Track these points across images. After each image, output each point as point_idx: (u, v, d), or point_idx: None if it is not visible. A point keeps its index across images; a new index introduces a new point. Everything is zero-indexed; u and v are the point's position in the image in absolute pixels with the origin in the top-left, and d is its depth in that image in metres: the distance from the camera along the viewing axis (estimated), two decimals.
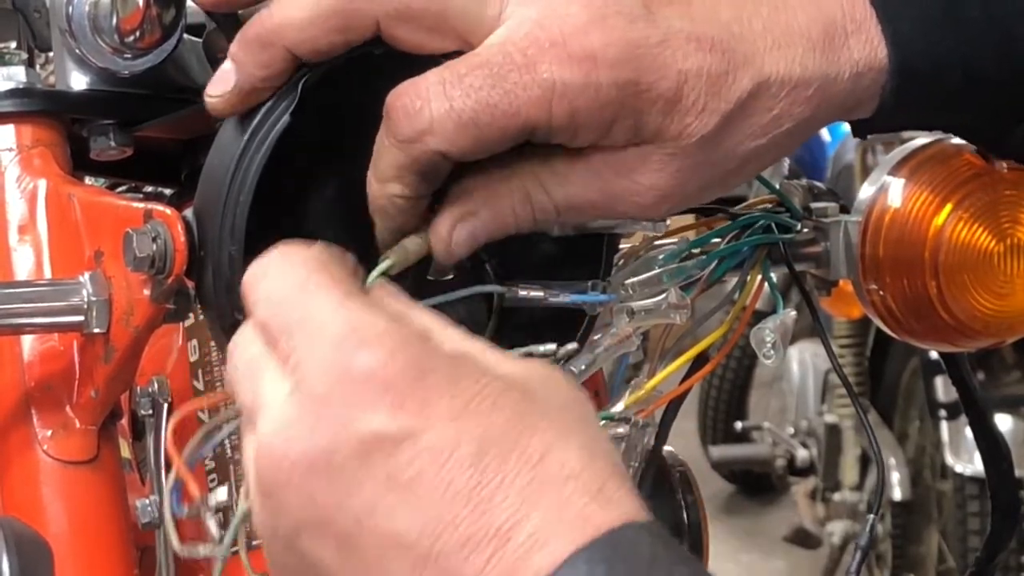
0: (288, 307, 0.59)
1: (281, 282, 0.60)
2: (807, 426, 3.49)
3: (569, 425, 0.57)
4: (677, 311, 0.72)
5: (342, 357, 0.56)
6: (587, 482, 0.55)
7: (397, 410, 0.55)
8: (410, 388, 0.56)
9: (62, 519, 0.79)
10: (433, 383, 0.56)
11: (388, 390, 0.55)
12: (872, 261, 0.85)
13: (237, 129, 0.70)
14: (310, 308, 0.59)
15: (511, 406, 0.56)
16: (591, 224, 0.74)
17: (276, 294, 0.60)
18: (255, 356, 0.60)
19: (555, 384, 0.59)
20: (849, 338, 3.24)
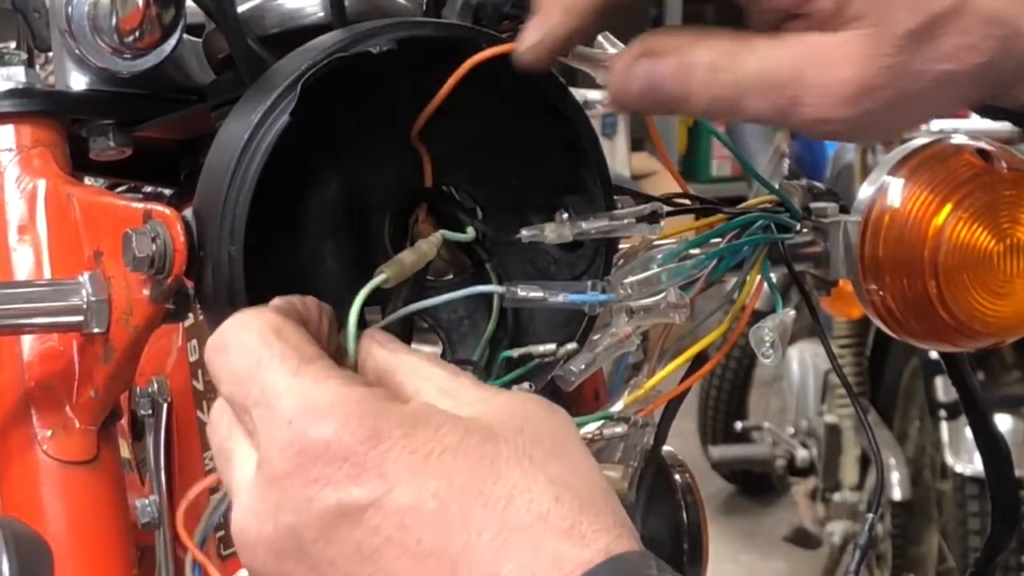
0: (247, 383, 0.60)
1: (239, 357, 0.61)
2: (807, 426, 3.49)
3: (537, 461, 0.56)
4: (676, 310, 0.72)
5: (297, 434, 0.57)
6: (557, 521, 0.54)
7: (355, 479, 0.55)
8: (366, 454, 0.56)
9: (62, 519, 0.79)
10: (389, 445, 0.56)
11: (345, 460, 0.56)
12: (872, 261, 0.85)
13: (237, 129, 0.70)
14: (266, 384, 0.59)
15: (472, 451, 0.56)
16: (591, 230, 0.74)
17: (235, 369, 0.60)
18: (225, 437, 0.61)
19: (525, 417, 0.58)
20: (849, 338, 3.24)
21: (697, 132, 5.93)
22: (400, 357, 0.63)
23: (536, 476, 0.55)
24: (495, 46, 0.71)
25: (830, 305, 2.94)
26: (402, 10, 0.83)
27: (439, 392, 0.60)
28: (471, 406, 0.59)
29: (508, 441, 0.57)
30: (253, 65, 0.75)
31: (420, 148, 0.75)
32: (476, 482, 0.55)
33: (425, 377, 0.61)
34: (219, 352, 0.62)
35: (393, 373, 0.62)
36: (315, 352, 0.61)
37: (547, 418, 0.59)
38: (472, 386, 0.61)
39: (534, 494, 0.55)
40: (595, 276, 0.75)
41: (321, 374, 0.59)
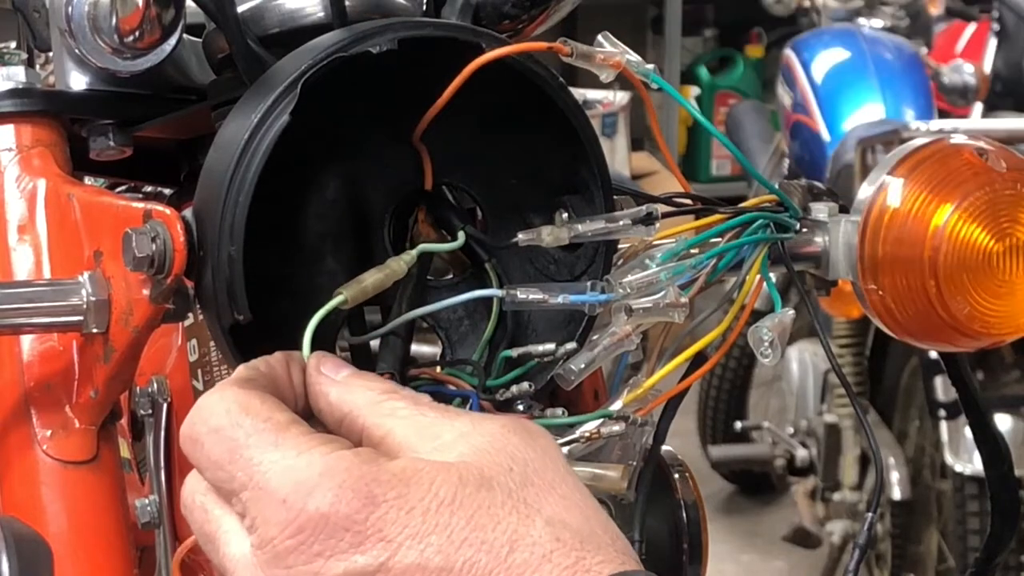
0: (229, 468, 0.60)
1: (214, 445, 0.60)
2: (807, 426, 3.48)
3: (531, 501, 0.57)
4: (675, 310, 0.72)
5: (293, 512, 0.57)
6: (561, 560, 0.55)
7: (359, 546, 0.56)
8: (365, 520, 0.56)
9: (62, 519, 0.79)
10: (386, 508, 0.56)
11: (346, 529, 0.56)
12: (871, 261, 0.85)
13: (237, 129, 0.70)
14: (249, 466, 0.59)
15: (468, 502, 0.56)
16: (587, 233, 0.74)
17: (214, 458, 0.60)
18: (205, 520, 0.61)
19: (510, 454, 0.59)
20: (848, 338, 3.24)
21: (697, 132, 5.92)
22: (355, 395, 0.63)
23: (533, 519, 0.56)
24: (496, 46, 0.71)
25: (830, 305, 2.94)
26: (402, 10, 0.83)
27: (415, 433, 0.60)
28: (453, 448, 0.59)
29: (501, 485, 0.57)
30: (253, 65, 0.75)
31: (421, 149, 0.75)
32: (476, 532, 0.56)
33: (388, 414, 0.61)
34: (193, 444, 0.62)
35: (353, 418, 0.62)
36: (288, 419, 0.61)
37: (531, 449, 0.59)
38: (443, 418, 0.61)
39: (535, 537, 0.56)
40: (595, 276, 0.76)
41: (302, 443, 0.59)
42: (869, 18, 3.54)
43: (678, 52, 5.88)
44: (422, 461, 0.58)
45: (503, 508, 0.56)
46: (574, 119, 0.74)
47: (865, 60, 3.25)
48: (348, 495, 0.56)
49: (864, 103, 3.17)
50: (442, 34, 0.72)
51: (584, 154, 0.75)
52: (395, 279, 0.72)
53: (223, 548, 0.60)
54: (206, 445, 0.61)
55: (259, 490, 0.58)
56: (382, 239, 0.76)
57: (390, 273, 0.71)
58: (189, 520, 0.62)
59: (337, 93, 0.72)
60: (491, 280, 0.76)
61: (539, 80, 0.73)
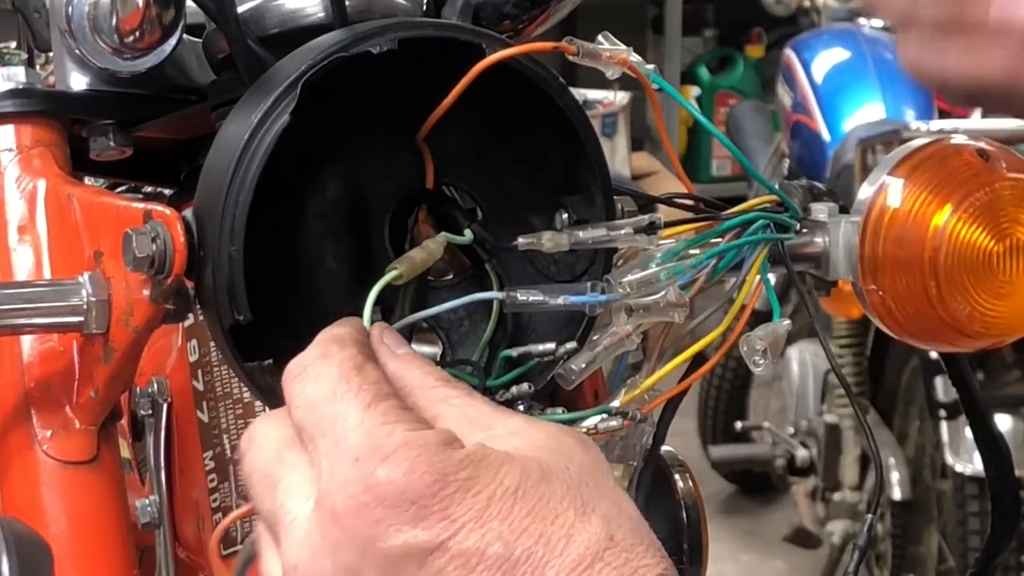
0: (319, 411, 0.60)
1: (316, 385, 0.61)
2: (807, 426, 3.48)
3: (587, 499, 0.58)
4: (676, 310, 0.72)
5: (363, 472, 0.57)
6: (614, 558, 0.56)
7: (422, 521, 0.56)
8: (432, 498, 0.56)
9: (62, 519, 0.79)
10: (453, 489, 0.56)
11: (412, 502, 0.56)
12: (871, 261, 0.85)
13: (237, 129, 0.70)
14: (337, 416, 0.59)
15: (531, 494, 0.57)
16: (588, 240, 0.74)
17: (310, 397, 0.61)
18: (272, 460, 0.61)
19: (566, 454, 0.59)
20: (848, 338, 3.24)
21: (697, 132, 5.92)
22: (413, 374, 0.63)
23: (590, 516, 0.57)
24: (497, 47, 0.71)
25: (830, 305, 2.94)
26: (402, 10, 0.83)
27: (465, 422, 0.61)
28: (506, 440, 0.60)
29: (561, 480, 0.58)
30: (253, 65, 0.75)
31: (423, 149, 0.75)
32: (536, 524, 0.56)
33: (440, 400, 0.62)
34: (297, 377, 0.62)
35: (406, 394, 0.62)
36: (390, 392, 0.61)
37: (585, 454, 0.60)
38: (497, 414, 0.62)
39: (590, 534, 0.56)
40: (595, 276, 0.75)
41: (391, 414, 0.59)
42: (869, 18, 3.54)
43: (678, 52, 5.89)
44: (490, 448, 0.58)
45: (562, 503, 0.57)
46: (575, 119, 0.74)
47: (865, 60, 3.25)
48: (421, 470, 0.56)
49: (864, 103, 3.16)
50: (443, 34, 0.72)
51: (584, 154, 0.75)
52: (434, 260, 0.72)
53: (282, 498, 0.59)
54: (308, 383, 0.61)
55: (336, 443, 0.58)
56: (382, 239, 0.76)
57: (430, 253, 0.72)
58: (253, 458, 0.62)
59: (337, 93, 0.72)
60: (491, 280, 0.76)
61: (540, 81, 0.73)
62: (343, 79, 0.70)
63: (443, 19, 0.85)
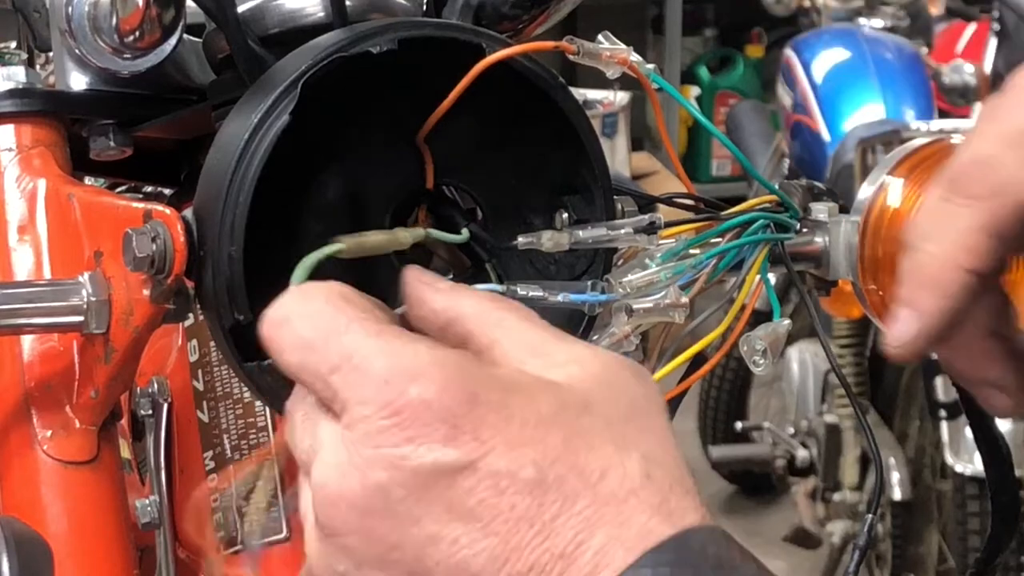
0: (323, 349, 0.58)
1: (307, 325, 0.59)
2: (807, 426, 3.48)
3: (630, 436, 0.57)
4: (676, 310, 0.72)
5: (395, 393, 0.56)
6: (648, 496, 0.55)
7: (452, 440, 0.55)
8: (464, 417, 0.55)
9: (62, 519, 0.79)
10: (486, 410, 0.56)
11: (443, 421, 0.55)
12: (871, 261, 0.85)
13: (237, 129, 0.70)
14: (348, 347, 0.58)
15: (568, 424, 0.56)
16: (588, 239, 0.74)
17: (306, 337, 0.59)
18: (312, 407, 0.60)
19: (619, 388, 0.58)
20: (849, 338, 3.24)
21: (697, 132, 5.93)
22: (464, 302, 0.61)
23: (629, 452, 0.56)
24: (497, 47, 0.71)
25: (830, 305, 2.94)
26: (402, 10, 0.83)
27: (524, 348, 0.59)
28: (563, 367, 0.58)
29: (602, 414, 0.57)
30: (253, 65, 0.75)
31: (423, 149, 0.75)
32: (570, 454, 0.55)
33: (496, 324, 0.60)
34: (280, 324, 0.60)
35: (461, 323, 0.60)
36: (389, 317, 0.60)
37: (638, 388, 0.59)
38: (557, 340, 0.60)
39: (627, 469, 0.55)
40: (595, 276, 0.76)
41: (406, 337, 0.58)
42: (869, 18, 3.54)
43: (678, 52, 5.89)
44: (528, 375, 0.58)
45: (600, 436, 0.56)
46: (575, 119, 0.74)
47: (865, 60, 3.25)
48: (453, 389, 0.56)
49: (864, 103, 3.16)
50: (442, 34, 0.72)
51: (585, 154, 0.75)
52: (395, 247, 0.72)
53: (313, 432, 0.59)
54: (296, 325, 0.59)
55: (356, 371, 0.57)
56: None
57: (392, 240, 0.71)
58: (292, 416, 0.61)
59: (337, 93, 0.72)
60: (491, 280, 0.76)
61: (540, 80, 0.73)
62: (343, 79, 0.70)
63: (443, 19, 0.85)
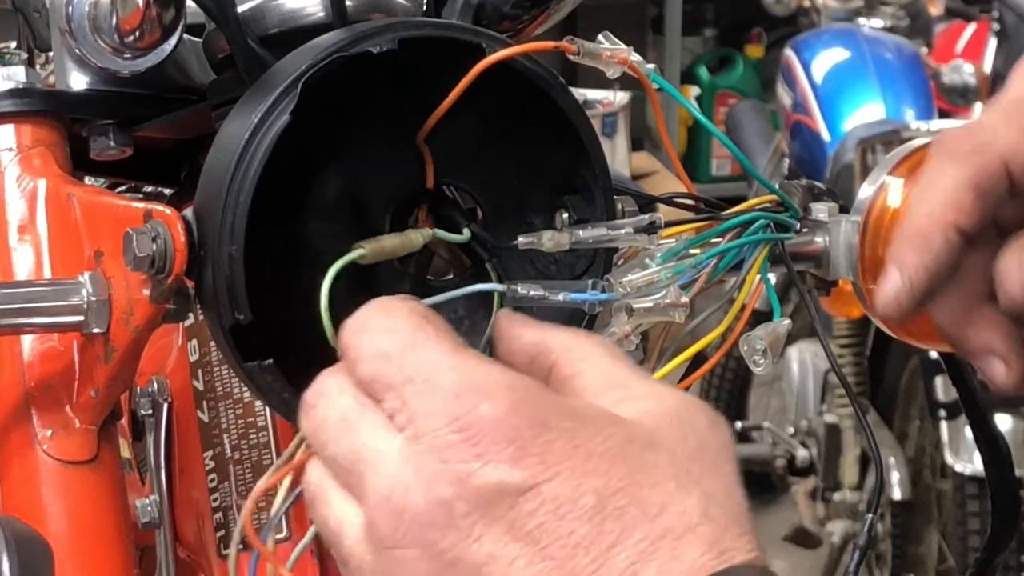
0: (398, 361, 0.59)
1: (386, 337, 0.60)
2: (807, 426, 3.48)
3: (693, 474, 0.57)
4: (676, 310, 0.72)
5: (465, 408, 0.57)
6: (705, 533, 0.56)
7: (518, 462, 0.56)
8: (532, 440, 0.56)
9: (62, 519, 0.79)
10: (555, 436, 0.57)
11: (510, 441, 0.56)
12: (872, 261, 0.85)
13: (237, 129, 0.70)
14: (424, 363, 0.59)
15: (633, 459, 0.57)
16: (588, 239, 0.74)
17: (383, 348, 0.60)
18: (349, 407, 0.60)
19: (689, 426, 0.59)
20: (848, 338, 3.24)
21: (697, 132, 5.92)
22: (553, 335, 0.63)
23: (690, 489, 0.57)
24: (497, 46, 0.71)
25: (830, 305, 2.94)
26: (402, 10, 0.83)
27: (603, 381, 0.60)
28: (639, 402, 0.59)
29: (668, 451, 0.58)
30: (253, 65, 0.75)
31: (424, 149, 0.75)
32: (632, 487, 0.56)
33: (582, 358, 0.62)
34: (360, 332, 0.61)
35: (547, 355, 0.62)
36: (463, 341, 0.61)
37: (708, 429, 0.60)
38: (637, 377, 0.61)
39: (686, 506, 0.56)
40: (595, 276, 0.76)
41: (480, 358, 0.59)
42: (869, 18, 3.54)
43: (678, 52, 5.88)
44: (600, 408, 0.59)
45: (663, 472, 0.57)
46: (575, 119, 0.74)
47: (865, 60, 3.25)
48: (523, 411, 0.56)
49: (864, 103, 3.16)
50: (442, 34, 0.72)
51: (585, 154, 0.75)
52: (410, 249, 0.72)
53: (364, 438, 0.59)
54: (376, 336, 0.60)
55: (428, 384, 0.58)
56: None
57: (407, 242, 0.72)
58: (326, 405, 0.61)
59: (337, 93, 0.72)
60: (492, 280, 0.76)
61: (540, 80, 0.73)
62: (343, 79, 0.70)
63: (443, 19, 0.85)
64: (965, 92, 3.28)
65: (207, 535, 0.87)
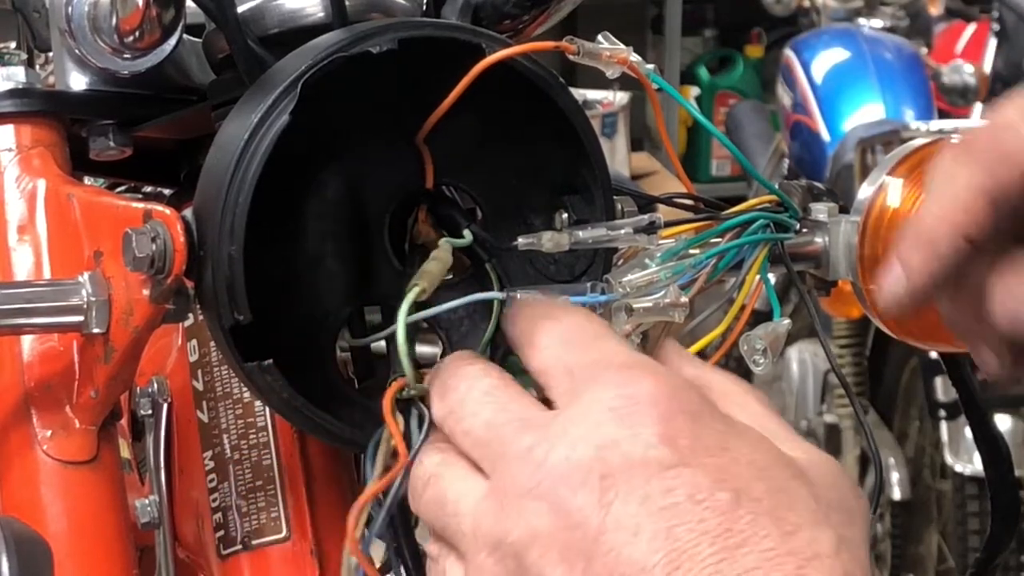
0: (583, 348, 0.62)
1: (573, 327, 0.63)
2: (807, 426, 3.48)
3: (832, 519, 0.58)
4: (676, 309, 0.72)
5: (629, 379, 0.59)
6: (832, 565, 0.56)
7: (668, 441, 0.57)
8: (685, 427, 0.58)
9: (62, 519, 0.79)
10: (706, 432, 0.58)
11: (665, 422, 0.58)
12: (871, 261, 0.85)
13: (237, 129, 0.70)
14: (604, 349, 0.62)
15: (777, 480, 0.58)
16: (588, 240, 0.74)
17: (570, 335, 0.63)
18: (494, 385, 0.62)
19: (835, 483, 0.60)
20: (848, 338, 3.24)
21: (697, 132, 5.92)
22: (711, 375, 0.66)
23: (827, 527, 0.57)
24: (497, 46, 0.71)
25: (830, 305, 2.94)
26: (402, 10, 0.83)
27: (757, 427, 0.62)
28: (793, 450, 0.60)
29: (812, 489, 0.58)
30: (253, 65, 0.75)
31: (423, 149, 0.75)
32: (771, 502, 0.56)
33: (739, 405, 0.63)
34: (545, 318, 0.64)
35: (706, 388, 0.64)
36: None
37: (852, 492, 0.61)
38: (789, 431, 0.63)
39: (820, 537, 0.56)
40: (595, 276, 0.75)
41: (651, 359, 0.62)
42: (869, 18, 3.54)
43: (678, 52, 5.88)
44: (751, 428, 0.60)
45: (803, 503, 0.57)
46: (575, 119, 0.74)
47: (865, 60, 3.25)
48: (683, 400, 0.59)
49: (864, 103, 3.17)
50: (442, 34, 0.72)
51: (584, 154, 0.75)
52: (448, 264, 0.72)
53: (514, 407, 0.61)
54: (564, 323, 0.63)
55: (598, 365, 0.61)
56: (382, 240, 0.76)
57: (443, 262, 0.72)
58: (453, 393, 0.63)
59: (337, 93, 0.72)
60: (491, 280, 0.76)
61: (540, 80, 0.73)
62: (343, 79, 0.70)
63: (443, 19, 0.85)
64: (965, 92, 3.28)
65: (207, 535, 0.87)
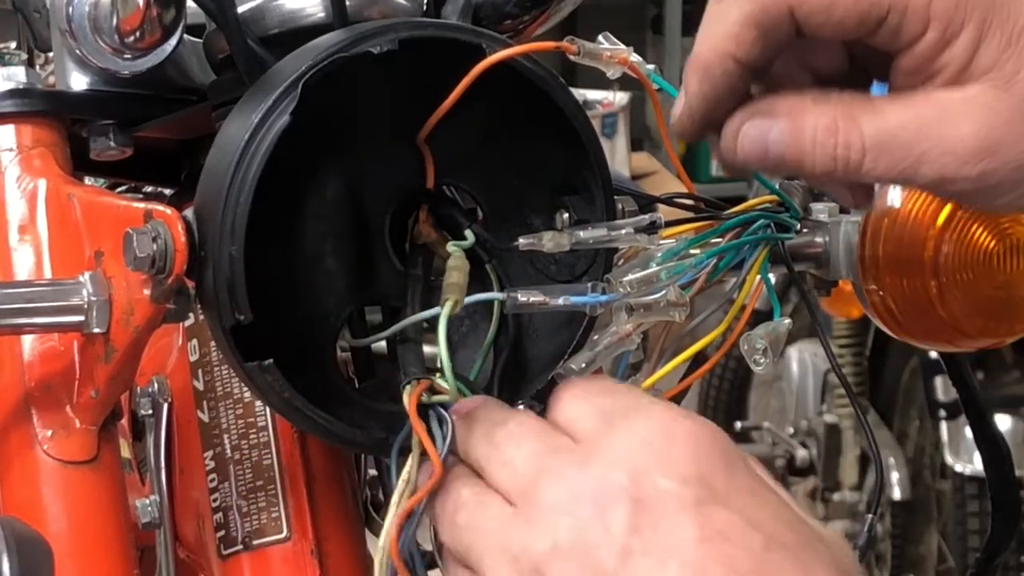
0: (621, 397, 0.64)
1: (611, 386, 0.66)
2: (807, 426, 3.48)
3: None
4: (676, 309, 0.72)
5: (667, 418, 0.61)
6: None
7: (705, 480, 0.59)
8: (720, 469, 0.60)
9: (62, 519, 0.79)
10: (739, 479, 0.60)
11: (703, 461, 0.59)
12: (872, 261, 0.85)
13: (237, 129, 0.70)
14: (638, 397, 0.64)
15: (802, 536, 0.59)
16: (588, 240, 0.74)
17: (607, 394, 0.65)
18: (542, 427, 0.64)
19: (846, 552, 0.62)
20: (848, 338, 3.23)
21: None
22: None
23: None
24: (497, 47, 0.71)
25: (830, 305, 2.94)
26: (403, 10, 0.83)
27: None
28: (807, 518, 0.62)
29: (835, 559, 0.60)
30: (253, 65, 0.75)
31: (424, 149, 0.75)
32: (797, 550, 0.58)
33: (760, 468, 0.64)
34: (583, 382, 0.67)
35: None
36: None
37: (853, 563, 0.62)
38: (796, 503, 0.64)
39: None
40: (595, 276, 0.75)
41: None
42: None
43: (678, 52, 5.88)
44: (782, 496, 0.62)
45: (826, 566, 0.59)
46: (575, 120, 0.74)
47: None
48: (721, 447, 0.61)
49: None
50: (443, 34, 0.72)
51: (585, 154, 0.75)
52: (467, 271, 0.72)
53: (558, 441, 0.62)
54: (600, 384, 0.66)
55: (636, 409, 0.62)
56: (382, 239, 0.76)
57: (462, 270, 0.72)
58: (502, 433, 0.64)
59: (338, 93, 0.72)
60: (491, 281, 0.76)
61: (540, 81, 0.73)
62: (343, 79, 0.70)
63: (443, 19, 0.85)
64: None
65: (207, 535, 0.87)
